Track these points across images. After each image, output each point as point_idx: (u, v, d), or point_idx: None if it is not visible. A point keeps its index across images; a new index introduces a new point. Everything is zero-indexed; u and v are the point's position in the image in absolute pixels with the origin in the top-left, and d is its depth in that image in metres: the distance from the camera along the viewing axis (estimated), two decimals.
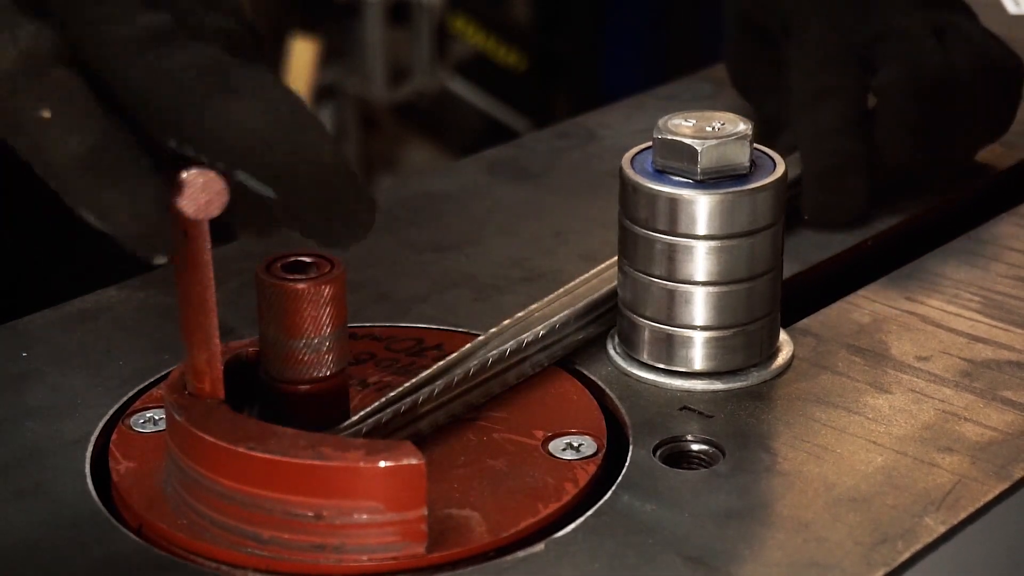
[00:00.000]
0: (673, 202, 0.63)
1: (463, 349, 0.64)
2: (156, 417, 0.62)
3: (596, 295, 0.68)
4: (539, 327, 0.65)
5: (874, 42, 0.78)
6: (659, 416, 0.63)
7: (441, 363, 0.63)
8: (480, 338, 0.65)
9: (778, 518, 0.57)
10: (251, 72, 0.54)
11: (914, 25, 0.79)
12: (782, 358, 0.67)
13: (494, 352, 0.64)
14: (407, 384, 0.61)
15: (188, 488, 0.56)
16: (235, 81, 0.54)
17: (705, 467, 0.61)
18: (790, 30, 0.81)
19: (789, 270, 0.71)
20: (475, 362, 0.63)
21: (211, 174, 0.53)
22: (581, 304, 0.67)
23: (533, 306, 0.67)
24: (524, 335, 0.65)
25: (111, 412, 0.63)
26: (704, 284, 0.64)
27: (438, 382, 0.62)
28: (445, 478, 0.59)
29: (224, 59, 0.54)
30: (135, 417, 0.63)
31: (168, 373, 0.66)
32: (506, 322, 0.66)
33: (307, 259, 0.58)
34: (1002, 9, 1.11)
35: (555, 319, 0.66)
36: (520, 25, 2.86)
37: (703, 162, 0.63)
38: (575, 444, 0.61)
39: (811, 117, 0.77)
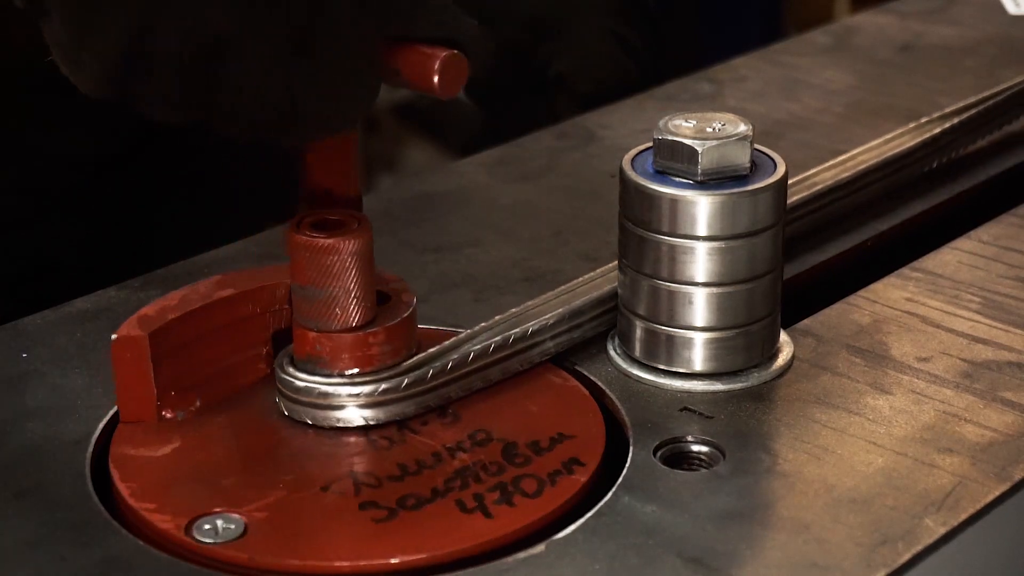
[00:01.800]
0: (674, 203, 0.63)
1: (446, 343, 0.64)
2: None
3: (593, 294, 0.67)
4: (530, 324, 0.65)
5: None
6: (659, 417, 0.63)
7: (420, 355, 0.63)
8: (466, 332, 0.64)
9: (778, 519, 0.57)
10: None
11: None
12: (782, 359, 0.67)
13: (477, 347, 0.64)
14: (381, 374, 0.62)
15: None
16: None
17: (705, 468, 0.61)
18: None
19: (789, 271, 0.71)
20: (455, 356, 0.63)
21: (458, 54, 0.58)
22: (576, 303, 0.67)
23: (529, 303, 0.67)
24: (512, 331, 0.65)
25: (111, 413, 0.63)
26: (705, 285, 0.64)
27: (412, 374, 0.62)
28: None
29: None
30: None
31: None
32: (497, 317, 0.65)
33: (334, 217, 0.61)
34: (1002, 9, 1.11)
35: (547, 316, 0.66)
36: None
37: (703, 163, 0.63)
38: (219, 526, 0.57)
39: None
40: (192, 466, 0.60)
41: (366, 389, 0.61)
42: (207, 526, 0.57)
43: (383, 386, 0.61)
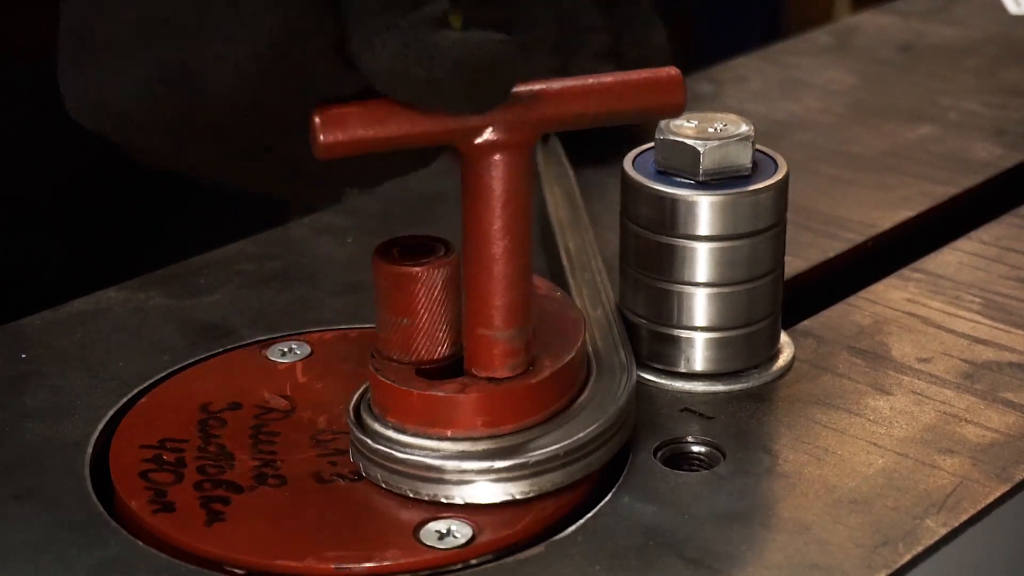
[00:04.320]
0: (675, 203, 0.63)
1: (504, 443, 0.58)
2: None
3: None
4: (580, 434, 0.58)
5: None
6: (660, 417, 0.63)
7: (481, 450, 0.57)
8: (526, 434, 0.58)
9: (779, 520, 0.57)
10: None
11: None
12: (783, 360, 0.67)
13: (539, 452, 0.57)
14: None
15: None
16: None
17: (706, 469, 0.60)
18: None
19: (790, 271, 0.70)
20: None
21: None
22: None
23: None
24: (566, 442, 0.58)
25: (111, 414, 0.63)
26: (705, 285, 0.64)
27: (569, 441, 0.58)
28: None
29: None
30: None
31: (168, 374, 0.66)
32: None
33: (421, 243, 0.59)
34: (1003, 9, 1.11)
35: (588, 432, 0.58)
36: None
37: (705, 163, 0.63)
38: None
39: None
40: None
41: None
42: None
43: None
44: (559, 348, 0.59)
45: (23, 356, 0.68)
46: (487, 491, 0.56)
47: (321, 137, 0.53)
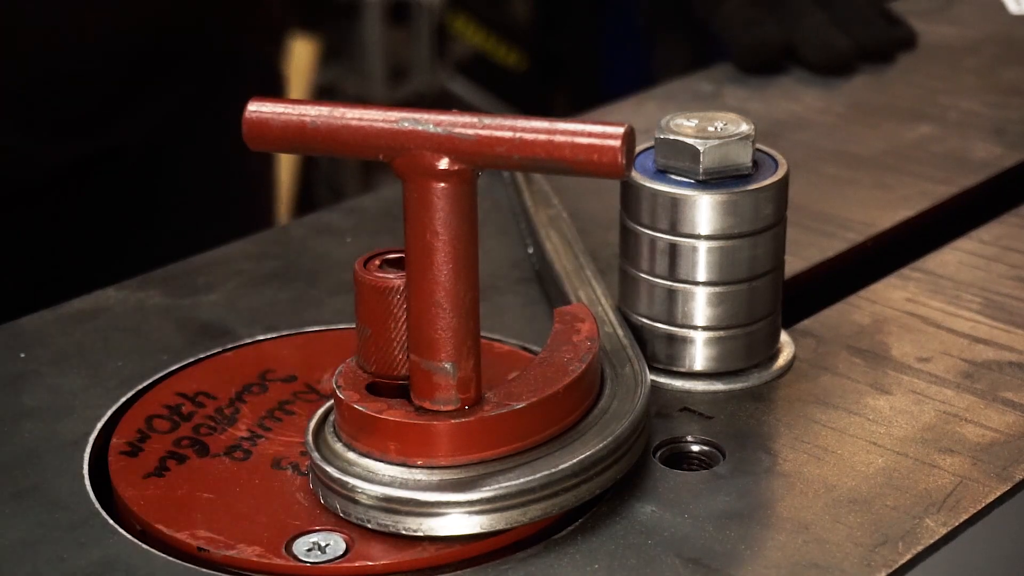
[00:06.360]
0: (675, 202, 0.63)
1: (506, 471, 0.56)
2: None
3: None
4: (568, 463, 0.56)
5: None
6: (659, 417, 0.63)
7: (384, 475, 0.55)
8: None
9: (778, 519, 0.57)
10: None
11: None
12: (783, 359, 0.66)
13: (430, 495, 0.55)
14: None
15: None
16: None
17: (705, 468, 0.60)
18: None
19: (790, 271, 0.70)
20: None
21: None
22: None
23: None
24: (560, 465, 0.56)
25: (109, 413, 0.63)
26: (705, 284, 0.64)
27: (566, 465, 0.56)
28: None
29: None
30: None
31: (167, 374, 0.66)
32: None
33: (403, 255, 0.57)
34: (1003, 9, 1.11)
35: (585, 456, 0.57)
36: (520, 25, 2.86)
37: (705, 162, 0.63)
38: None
39: None
40: None
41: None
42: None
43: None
44: (520, 396, 0.56)
45: (22, 356, 0.68)
46: (376, 517, 0.55)
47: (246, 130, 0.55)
